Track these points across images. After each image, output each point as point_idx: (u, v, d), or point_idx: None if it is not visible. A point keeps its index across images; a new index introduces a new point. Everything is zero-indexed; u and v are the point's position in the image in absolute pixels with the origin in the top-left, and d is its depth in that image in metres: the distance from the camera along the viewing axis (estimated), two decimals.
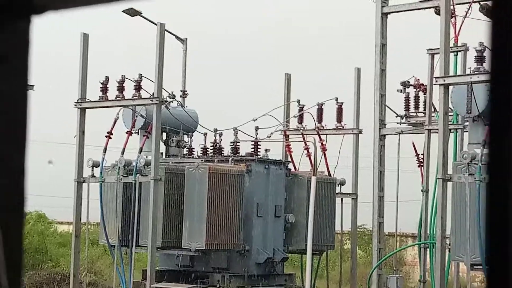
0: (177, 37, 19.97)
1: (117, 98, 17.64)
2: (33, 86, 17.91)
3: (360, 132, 19.92)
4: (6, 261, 1.00)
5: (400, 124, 18.71)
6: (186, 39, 20.24)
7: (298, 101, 20.22)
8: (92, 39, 18.11)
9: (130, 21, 19.99)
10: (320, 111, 19.88)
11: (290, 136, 20.07)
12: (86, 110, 18.08)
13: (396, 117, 18.76)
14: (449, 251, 14.88)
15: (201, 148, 18.90)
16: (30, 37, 1.17)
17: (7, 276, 1.02)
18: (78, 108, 18.00)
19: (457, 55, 17.24)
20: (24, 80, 1.19)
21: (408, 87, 18.62)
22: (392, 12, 18.32)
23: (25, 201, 1.07)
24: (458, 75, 16.17)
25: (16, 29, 1.21)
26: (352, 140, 19.98)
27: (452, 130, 16.42)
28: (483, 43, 14.37)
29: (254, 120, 18.77)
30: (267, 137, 19.01)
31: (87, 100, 18.06)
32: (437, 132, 14.76)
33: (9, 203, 1.09)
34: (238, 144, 18.40)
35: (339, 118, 19.86)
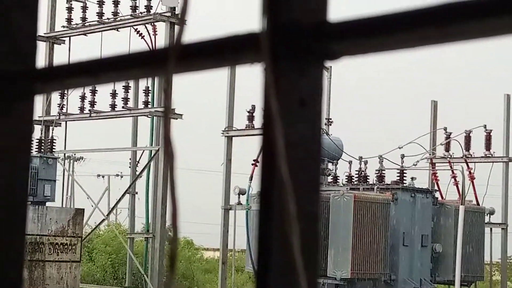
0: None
1: None
2: (182, 115, 18.42)
3: (510, 160, 19.45)
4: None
5: None
6: (331, 67, 20.30)
7: (445, 129, 19.89)
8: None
9: None
10: (467, 139, 19.51)
11: (436, 164, 19.77)
12: (233, 138, 18.39)
13: None
14: None
15: (346, 176, 18.85)
16: (324, 82, 1.22)
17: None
18: (225, 136, 18.34)
19: None
20: (320, 124, 1.23)
21: None
22: None
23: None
24: None
25: (312, 74, 1.26)
26: (501, 168, 19.52)
27: None
28: None
29: (399, 148, 18.60)
30: (413, 165, 18.77)
31: (234, 129, 18.38)
32: None
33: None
34: (383, 172, 18.25)
35: (488, 146, 19.44)
